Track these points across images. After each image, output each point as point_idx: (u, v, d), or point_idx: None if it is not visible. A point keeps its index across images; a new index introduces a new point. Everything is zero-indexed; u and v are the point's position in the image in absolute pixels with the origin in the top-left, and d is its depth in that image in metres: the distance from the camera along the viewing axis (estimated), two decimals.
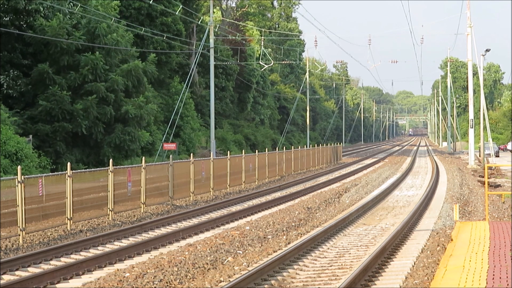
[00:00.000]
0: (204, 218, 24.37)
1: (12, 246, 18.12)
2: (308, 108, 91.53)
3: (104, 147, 37.95)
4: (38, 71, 36.09)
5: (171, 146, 42.69)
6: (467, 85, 70.76)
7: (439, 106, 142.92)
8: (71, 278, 14.57)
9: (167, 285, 13.52)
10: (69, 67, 37.44)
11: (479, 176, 43.18)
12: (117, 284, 13.48)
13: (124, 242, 18.97)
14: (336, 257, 16.67)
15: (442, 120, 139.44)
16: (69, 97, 36.14)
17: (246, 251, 17.33)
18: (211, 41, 49.38)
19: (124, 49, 40.30)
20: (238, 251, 17.18)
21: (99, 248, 18.11)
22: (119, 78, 38.31)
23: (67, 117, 36.09)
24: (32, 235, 19.36)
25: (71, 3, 38.42)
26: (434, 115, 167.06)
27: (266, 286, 13.57)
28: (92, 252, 17.52)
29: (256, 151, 43.79)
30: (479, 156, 62.25)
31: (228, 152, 38.49)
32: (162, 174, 27.78)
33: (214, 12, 57.89)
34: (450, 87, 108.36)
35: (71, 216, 20.90)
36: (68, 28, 36.89)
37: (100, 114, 37.32)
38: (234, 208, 27.33)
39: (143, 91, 41.37)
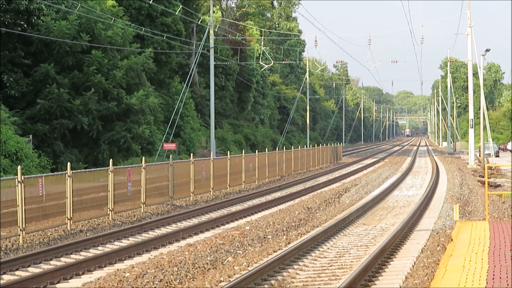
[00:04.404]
0: (204, 218, 24.37)
1: (12, 246, 18.11)
2: (308, 108, 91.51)
3: (103, 145, 37.93)
4: (41, 71, 36.05)
5: (171, 146, 42.67)
6: (467, 85, 70.76)
7: (439, 106, 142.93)
8: (71, 278, 14.57)
9: (167, 285, 13.52)
10: (72, 67, 37.44)
11: (479, 176, 43.18)
12: (117, 284, 13.48)
13: (124, 242, 18.98)
14: (336, 257, 16.67)
15: (442, 120, 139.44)
16: (68, 94, 36.09)
17: (246, 251, 17.34)
18: (211, 41, 49.37)
19: (124, 48, 40.26)
20: (238, 251, 17.18)
21: (99, 248, 18.11)
22: (121, 72, 38.30)
23: (66, 114, 36.06)
24: (32, 235, 19.36)
25: (69, 2, 38.36)
26: (434, 115, 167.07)
27: (266, 286, 13.56)
28: (92, 252, 17.52)
29: (256, 151, 43.78)
30: (479, 156, 62.25)
31: (228, 152, 38.49)
32: (162, 174, 27.78)
33: (214, 12, 57.88)
34: (450, 87, 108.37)
35: (71, 216, 20.90)
36: (75, 28, 36.83)
37: (102, 109, 37.26)
38: (234, 208, 27.33)
39: (143, 88, 41.33)
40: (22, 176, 18.83)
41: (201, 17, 58.67)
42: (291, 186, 38.51)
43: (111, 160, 24.33)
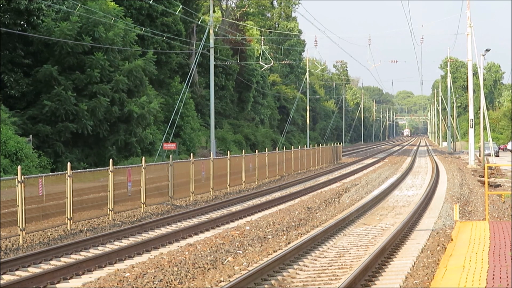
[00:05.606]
0: (204, 218, 24.37)
1: (12, 246, 18.11)
2: (308, 108, 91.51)
3: (107, 147, 38.03)
4: (44, 72, 36.00)
5: (171, 146, 42.66)
6: (467, 85, 70.77)
7: (439, 106, 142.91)
8: (71, 278, 14.57)
9: (167, 285, 13.52)
10: (73, 67, 37.43)
11: (479, 176, 43.17)
12: (117, 284, 13.48)
13: (124, 242, 18.98)
14: (336, 257, 16.67)
15: (442, 120, 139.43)
16: (74, 97, 36.18)
17: (246, 251, 17.34)
18: (211, 41, 49.37)
19: (125, 49, 40.25)
20: (238, 251, 17.18)
21: (99, 248, 18.11)
22: (123, 78, 38.37)
23: (70, 117, 36.09)
24: (32, 235, 19.36)
25: (69, 2, 38.32)
26: (434, 115, 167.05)
27: (266, 286, 13.56)
28: (92, 252, 17.52)
29: (256, 151, 43.77)
30: (479, 156, 62.25)
31: (228, 152, 38.48)
32: (162, 174, 27.78)
33: (214, 12, 57.86)
34: (450, 87, 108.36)
35: (71, 216, 20.90)
36: (76, 30, 36.80)
37: (107, 114, 37.39)
38: (234, 208, 27.33)
39: (144, 92, 41.44)
40: (22, 176, 18.83)
41: (201, 17, 58.66)
42: (291, 186, 38.51)
43: (111, 160, 24.34)
